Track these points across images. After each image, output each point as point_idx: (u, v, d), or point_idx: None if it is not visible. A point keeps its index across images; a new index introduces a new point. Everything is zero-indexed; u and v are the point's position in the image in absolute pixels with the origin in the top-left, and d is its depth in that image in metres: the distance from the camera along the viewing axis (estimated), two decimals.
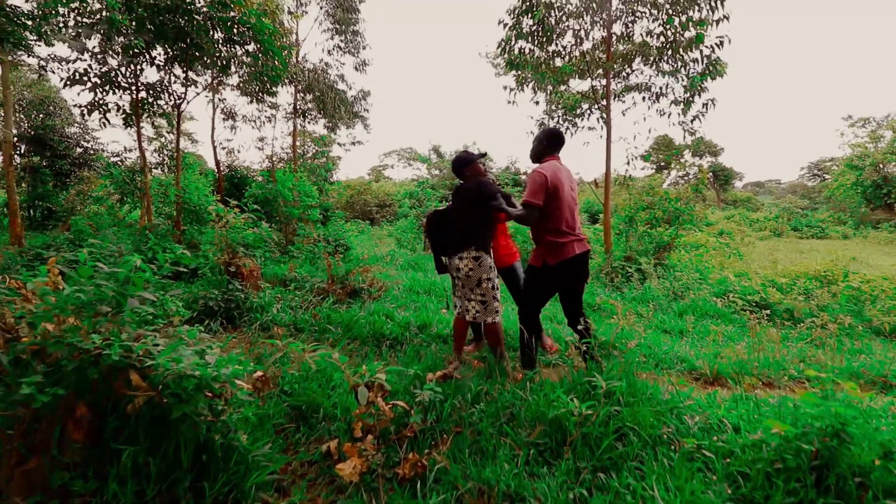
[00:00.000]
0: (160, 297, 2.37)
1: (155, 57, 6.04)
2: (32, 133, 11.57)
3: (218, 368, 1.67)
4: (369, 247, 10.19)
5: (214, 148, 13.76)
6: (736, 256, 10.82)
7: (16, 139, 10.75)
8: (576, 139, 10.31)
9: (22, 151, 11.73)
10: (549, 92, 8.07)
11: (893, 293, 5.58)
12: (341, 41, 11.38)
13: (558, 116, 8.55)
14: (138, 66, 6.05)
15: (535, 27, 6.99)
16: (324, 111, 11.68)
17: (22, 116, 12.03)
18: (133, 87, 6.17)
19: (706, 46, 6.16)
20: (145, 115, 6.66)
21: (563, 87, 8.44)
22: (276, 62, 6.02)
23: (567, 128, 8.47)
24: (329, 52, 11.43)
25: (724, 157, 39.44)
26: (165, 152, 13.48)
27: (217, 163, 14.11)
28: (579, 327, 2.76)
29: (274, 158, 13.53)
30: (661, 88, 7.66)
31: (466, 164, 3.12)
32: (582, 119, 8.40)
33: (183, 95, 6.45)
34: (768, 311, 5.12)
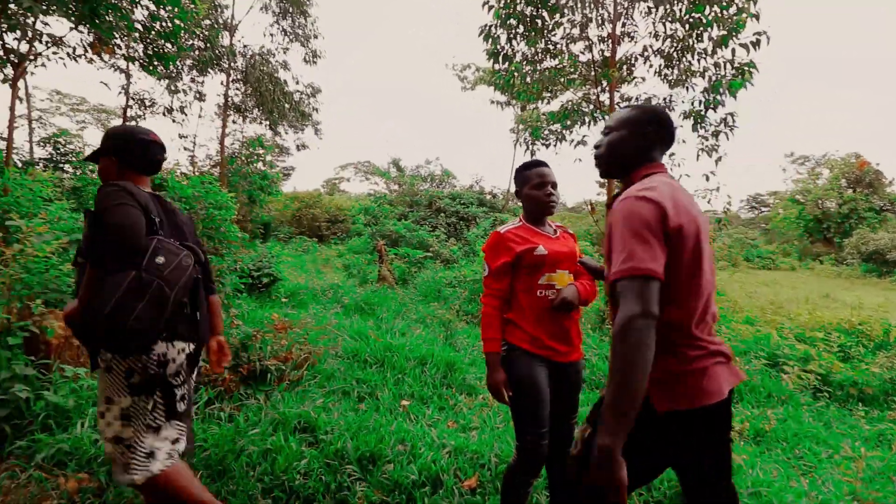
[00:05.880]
0: None
1: None
2: None
3: None
4: (310, 274, 8.19)
5: None
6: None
7: None
8: (562, 154, 8.93)
9: None
10: (538, 94, 6.68)
11: None
12: (288, 25, 9.53)
13: (544, 126, 7.18)
14: None
15: (531, 9, 5.58)
16: (262, 106, 9.66)
17: None
18: None
19: (741, 45, 5.00)
20: None
21: (547, 94, 7.15)
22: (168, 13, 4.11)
23: (557, 140, 7.11)
24: (271, 35, 9.51)
25: None
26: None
27: None
28: None
29: (199, 161, 11.18)
30: (664, 100, 6.52)
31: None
32: (571, 132, 7.09)
33: (28, 53, 4.34)
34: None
